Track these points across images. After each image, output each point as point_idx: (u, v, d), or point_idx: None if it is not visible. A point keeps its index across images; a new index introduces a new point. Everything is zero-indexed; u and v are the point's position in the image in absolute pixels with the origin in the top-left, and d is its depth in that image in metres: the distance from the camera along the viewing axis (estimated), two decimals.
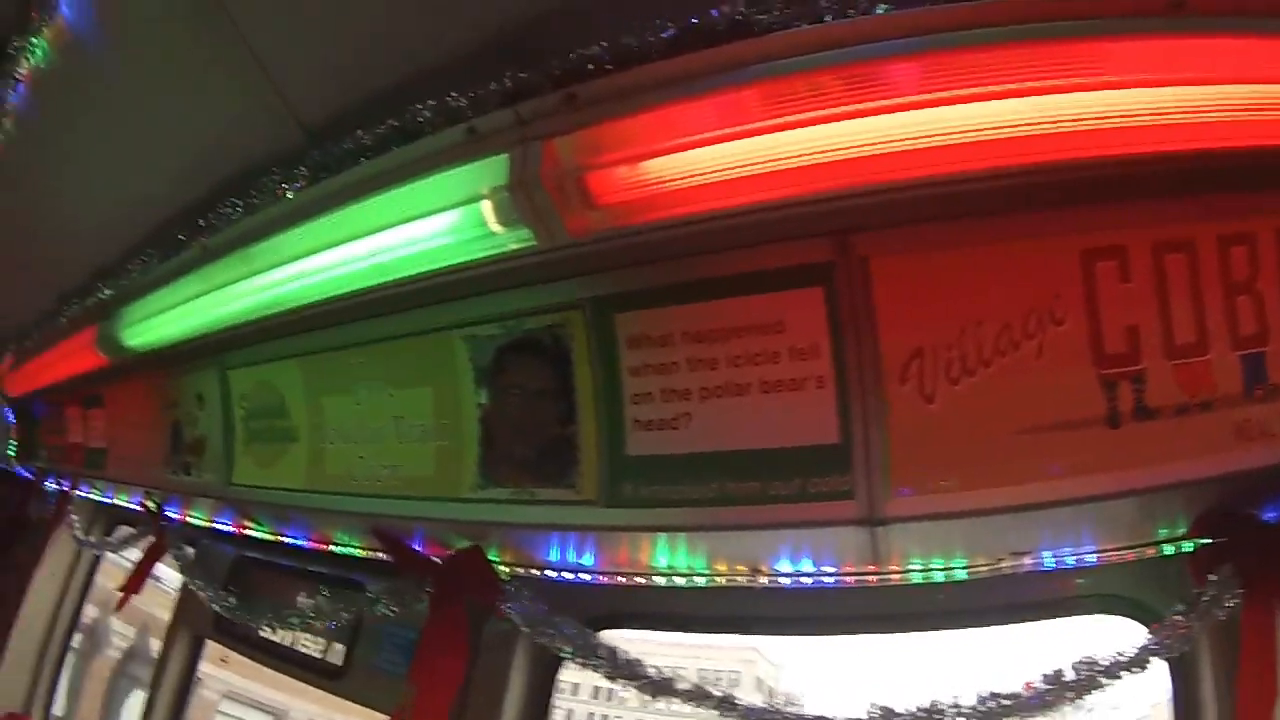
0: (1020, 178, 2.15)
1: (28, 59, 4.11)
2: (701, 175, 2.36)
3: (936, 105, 2.10)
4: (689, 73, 2.25)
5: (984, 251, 2.31)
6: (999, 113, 2.08)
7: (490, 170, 2.63)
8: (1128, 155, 2.12)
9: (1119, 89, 2.05)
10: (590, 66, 2.42)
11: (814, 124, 2.15)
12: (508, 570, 3.53)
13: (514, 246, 2.78)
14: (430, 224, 2.90)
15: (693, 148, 2.32)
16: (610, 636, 3.28)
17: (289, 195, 3.29)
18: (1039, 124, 2.07)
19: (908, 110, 2.11)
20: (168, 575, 6.97)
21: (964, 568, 2.69)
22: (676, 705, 2.97)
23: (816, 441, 2.53)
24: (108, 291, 4.91)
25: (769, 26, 2.20)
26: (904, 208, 2.29)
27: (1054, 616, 3.01)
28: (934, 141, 2.10)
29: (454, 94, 2.72)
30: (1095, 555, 2.61)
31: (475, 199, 2.71)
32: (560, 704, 3.99)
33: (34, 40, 3.98)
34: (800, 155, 2.20)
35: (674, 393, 2.79)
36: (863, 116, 2.11)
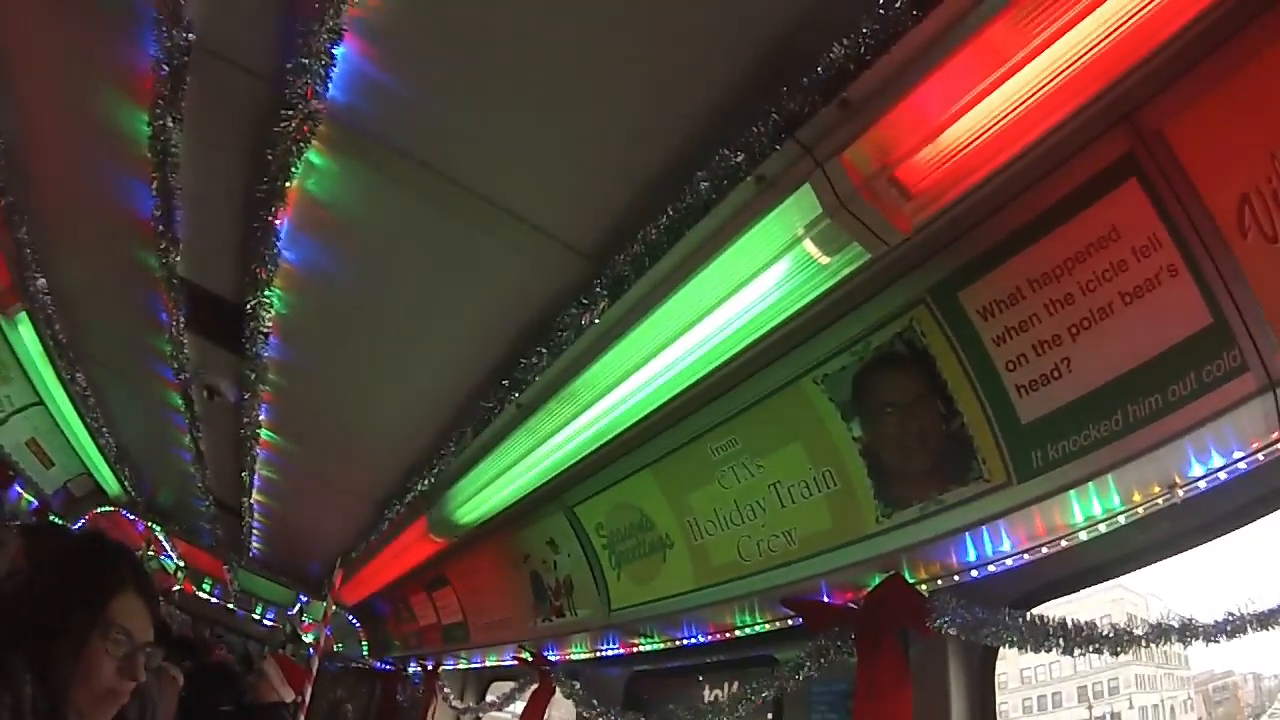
0: None
1: (265, 313, 4.25)
2: (992, 126, 2.17)
3: None
4: (939, 31, 2.06)
5: (1256, 66, 2.07)
6: None
7: (798, 207, 2.44)
8: None
9: None
10: (849, 66, 2.22)
11: (1066, 30, 1.96)
12: (925, 587, 3.32)
13: (848, 270, 2.60)
14: (755, 288, 2.72)
15: (976, 103, 2.13)
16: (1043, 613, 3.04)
17: (594, 321, 3.19)
18: None
19: None
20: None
21: None
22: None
23: (1193, 329, 2.31)
24: (425, 484, 5.02)
25: None
26: (1169, 65, 2.14)
27: None
28: None
29: (725, 151, 2.55)
30: None
31: (794, 242, 2.53)
32: None
33: (267, 294, 4.10)
34: (1068, 64, 2.04)
35: (1045, 343, 2.60)
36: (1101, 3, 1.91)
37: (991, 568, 3.10)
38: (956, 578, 3.24)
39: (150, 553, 12.67)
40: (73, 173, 4.32)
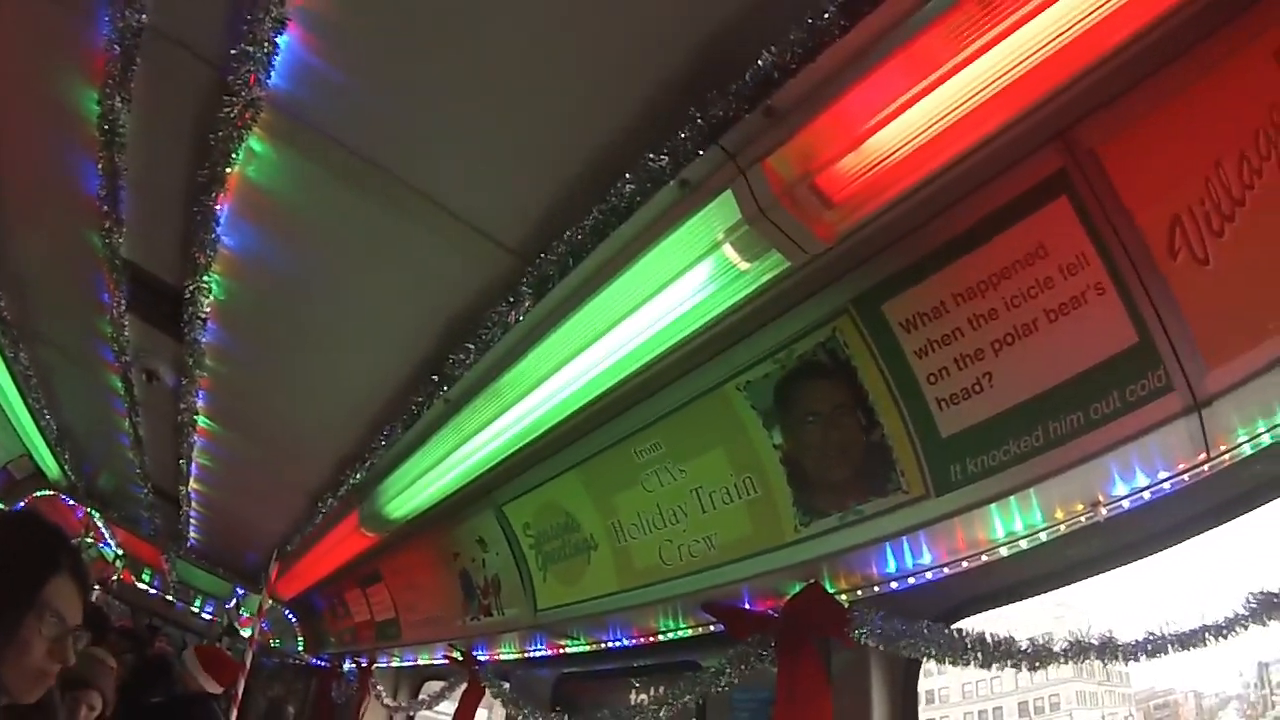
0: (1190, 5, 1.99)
1: (204, 298, 4.25)
2: (918, 135, 2.21)
3: None
4: (867, 42, 2.11)
5: (1192, 92, 2.13)
6: None
7: (719, 213, 2.50)
8: None
9: None
10: (774, 74, 2.26)
11: (998, 40, 2.00)
12: (846, 597, 3.37)
13: (768, 277, 2.65)
14: (676, 291, 2.78)
15: (900, 112, 2.17)
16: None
17: (520, 319, 3.23)
18: None
19: None
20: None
21: None
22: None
23: (1119, 348, 2.35)
24: (357, 477, 5.02)
25: None
26: (1105, 84, 2.18)
27: None
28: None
29: (650, 155, 2.60)
30: None
31: (714, 247, 2.58)
32: None
33: (206, 278, 4.11)
34: (999, 75, 2.08)
35: (967, 357, 2.64)
36: (1037, 14, 1.96)
37: (912, 580, 3.16)
38: (878, 589, 3.28)
39: (89, 540, 12.45)
40: (22, 149, 4.28)
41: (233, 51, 2.84)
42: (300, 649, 10.19)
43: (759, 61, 2.25)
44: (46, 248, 5.15)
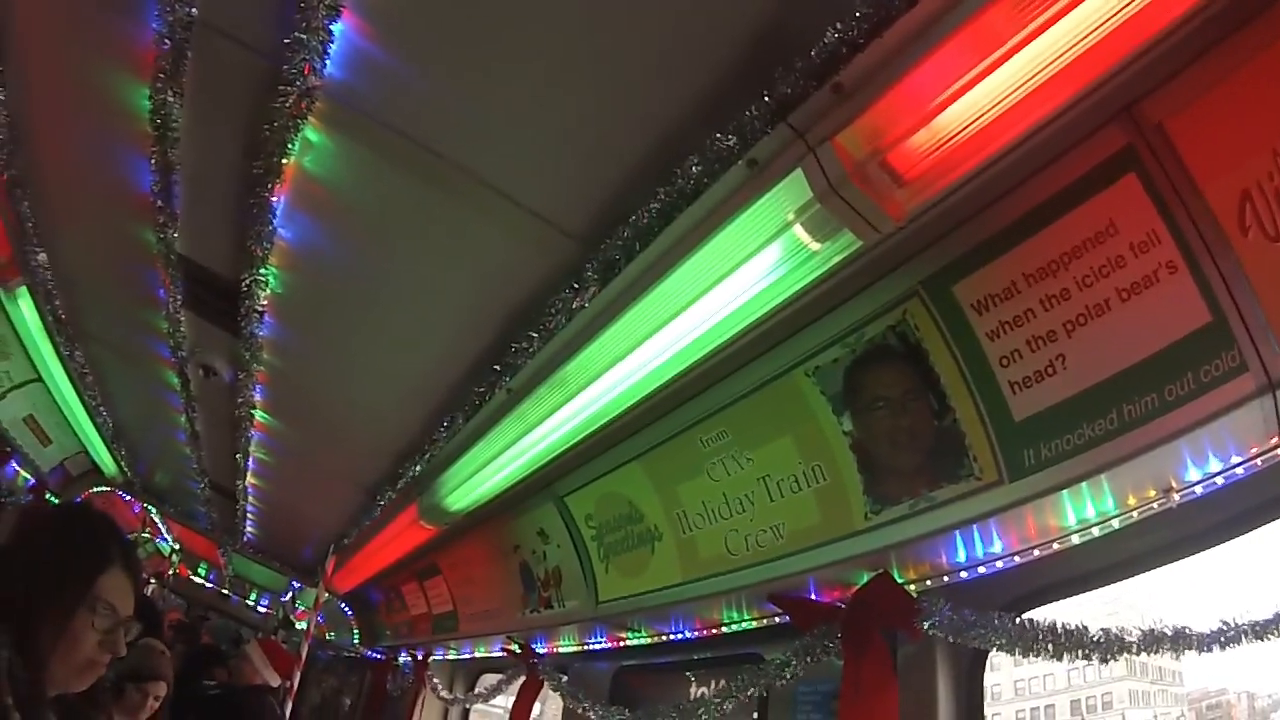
0: None
1: (260, 291, 4.24)
2: (985, 112, 2.15)
3: None
4: (932, 17, 2.04)
5: (1258, 62, 2.04)
6: None
7: (789, 192, 2.42)
8: None
9: None
10: (842, 50, 2.19)
11: (1061, 15, 1.94)
12: (914, 588, 3.28)
13: (838, 258, 2.58)
14: (745, 274, 2.71)
15: (968, 89, 2.11)
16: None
17: (584, 305, 3.19)
18: None
19: None
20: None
21: None
22: None
23: (1192, 328, 2.26)
24: (416, 469, 5.00)
25: None
26: (1169, 57, 2.10)
27: None
28: None
29: (717, 135, 2.53)
30: None
31: (784, 227, 2.51)
32: None
33: (262, 271, 4.09)
34: (1063, 50, 2.02)
35: (1039, 339, 2.56)
36: None
37: (982, 569, 3.07)
38: (946, 578, 3.20)
39: (146, 535, 12.69)
40: (74, 147, 4.32)
41: (286, 40, 2.81)
42: (356, 642, 10.27)
43: (825, 38, 2.18)
44: (100, 246, 5.21)
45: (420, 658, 8.24)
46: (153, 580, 13.78)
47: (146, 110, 3.47)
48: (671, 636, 4.74)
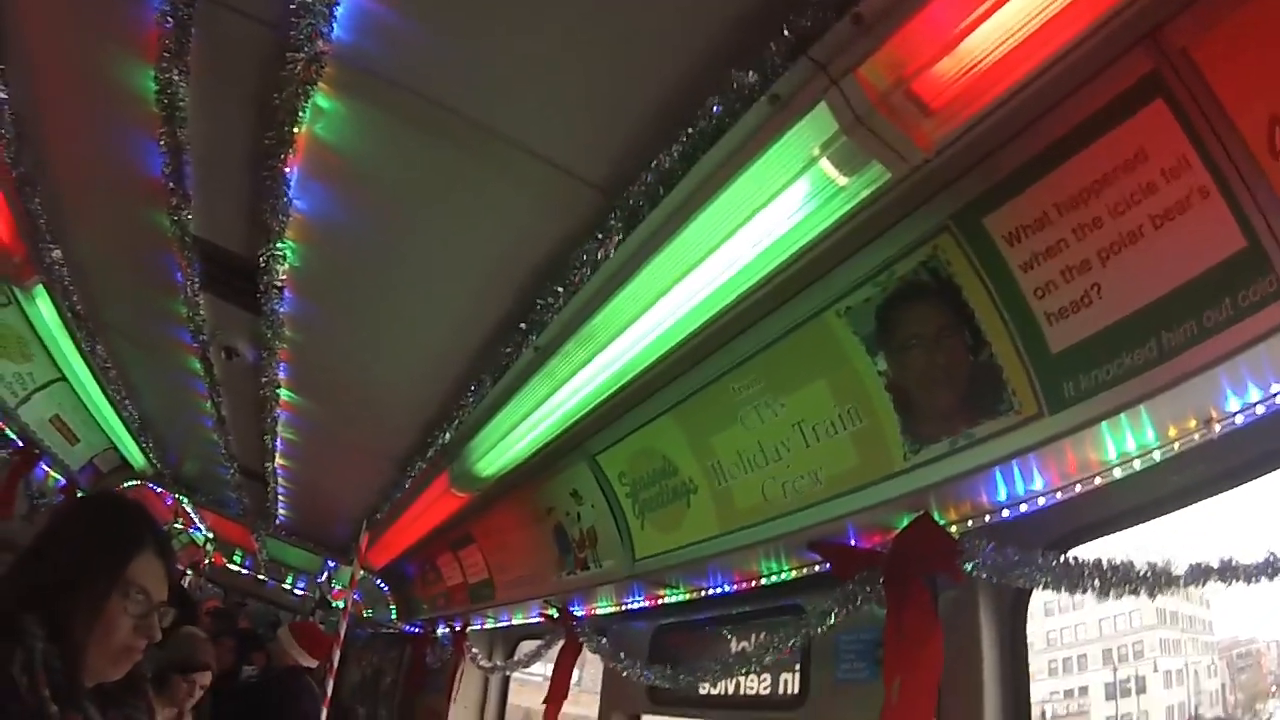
0: None
1: (278, 265, 4.22)
2: (1010, 37, 2.10)
3: None
4: None
5: None
6: None
7: (813, 127, 2.36)
8: None
9: None
10: None
11: None
12: (955, 529, 3.25)
13: (867, 192, 2.53)
14: (773, 213, 2.65)
15: (990, 14, 2.05)
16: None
17: (609, 255, 3.14)
18: None
19: None
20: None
21: None
22: None
23: (1227, 253, 2.20)
24: (445, 437, 5.00)
25: None
26: None
27: None
28: None
29: (737, 73, 2.47)
30: None
31: (810, 163, 2.46)
32: None
33: (279, 245, 4.07)
34: None
35: (1074, 269, 2.51)
36: None
37: (1023, 507, 3.03)
38: (987, 518, 3.16)
39: (179, 525, 12.82)
40: (82, 138, 4.29)
41: (291, 6, 2.76)
42: (393, 617, 10.37)
43: None
44: (114, 236, 5.19)
45: (458, 629, 8.30)
46: (189, 571, 13.98)
47: (153, 92, 3.42)
48: (710, 591, 4.74)
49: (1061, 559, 2.85)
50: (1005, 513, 3.10)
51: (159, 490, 11.03)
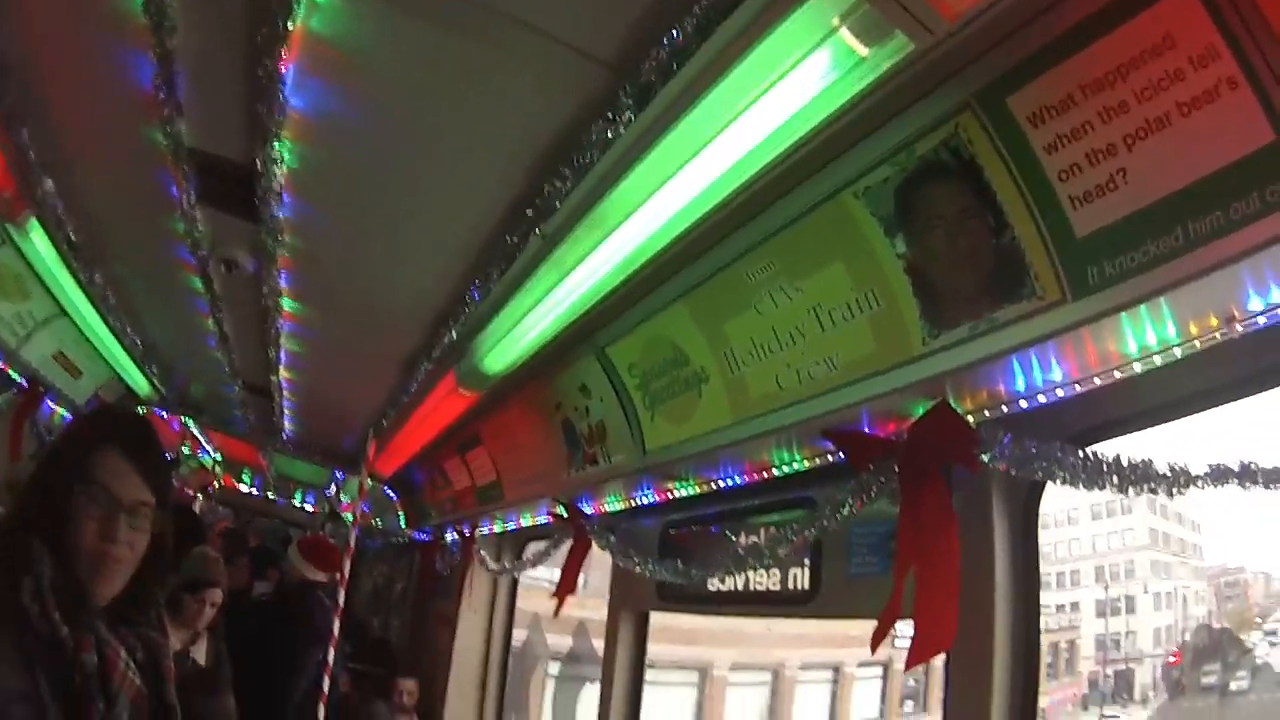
0: None
1: (276, 168, 4.14)
2: None
3: None
4: None
5: None
6: None
7: None
8: None
9: None
10: None
11: None
12: (972, 419, 3.24)
13: (888, 64, 2.49)
14: (791, 85, 2.61)
15: None
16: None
17: (620, 134, 3.08)
18: None
19: None
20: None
21: None
22: None
23: (1255, 145, 2.16)
24: (453, 334, 4.99)
25: None
26: None
27: None
28: None
29: None
30: None
31: (830, 33, 2.42)
32: None
33: (276, 147, 3.98)
34: None
35: (1099, 153, 2.45)
36: None
37: (1041, 399, 3.02)
38: (1005, 408, 3.14)
39: (188, 450, 12.91)
40: (69, 62, 4.11)
41: None
42: (402, 525, 10.50)
43: None
44: (107, 160, 5.04)
45: (467, 533, 8.43)
46: (199, 494, 14.14)
47: (139, 3, 3.29)
48: (720, 483, 4.77)
49: (1080, 453, 2.84)
50: (1023, 403, 3.08)
51: (165, 415, 11.04)
